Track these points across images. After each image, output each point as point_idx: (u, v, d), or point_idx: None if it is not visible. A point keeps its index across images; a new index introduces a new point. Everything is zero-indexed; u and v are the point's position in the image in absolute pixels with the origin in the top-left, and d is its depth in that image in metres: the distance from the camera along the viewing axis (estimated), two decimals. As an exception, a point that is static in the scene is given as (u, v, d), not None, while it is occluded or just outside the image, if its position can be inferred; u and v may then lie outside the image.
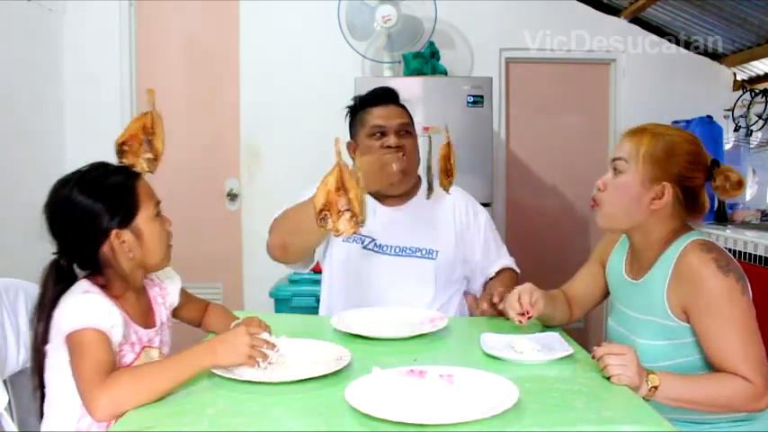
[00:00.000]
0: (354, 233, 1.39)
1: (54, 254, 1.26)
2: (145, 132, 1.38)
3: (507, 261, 1.97)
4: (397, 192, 1.87)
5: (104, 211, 1.24)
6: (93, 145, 3.57)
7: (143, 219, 1.28)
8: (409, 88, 3.20)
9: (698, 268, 1.30)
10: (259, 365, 1.21)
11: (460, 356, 1.37)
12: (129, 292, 1.30)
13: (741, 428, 1.34)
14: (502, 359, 1.33)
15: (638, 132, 1.41)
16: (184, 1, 3.75)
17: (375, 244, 1.86)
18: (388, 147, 1.77)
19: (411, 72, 3.36)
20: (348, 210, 1.37)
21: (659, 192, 1.36)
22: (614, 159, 1.42)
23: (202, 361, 1.18)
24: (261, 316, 1.47)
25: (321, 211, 1.36)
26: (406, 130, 1.83)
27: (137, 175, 1.32)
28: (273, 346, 1.25)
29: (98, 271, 1.28)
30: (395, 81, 3.25)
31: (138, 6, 3.69)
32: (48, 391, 1.24)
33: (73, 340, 1.16)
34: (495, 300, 1.62)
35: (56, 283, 1.24)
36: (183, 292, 1.49)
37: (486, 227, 1.96)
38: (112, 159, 1.36)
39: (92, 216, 1.23)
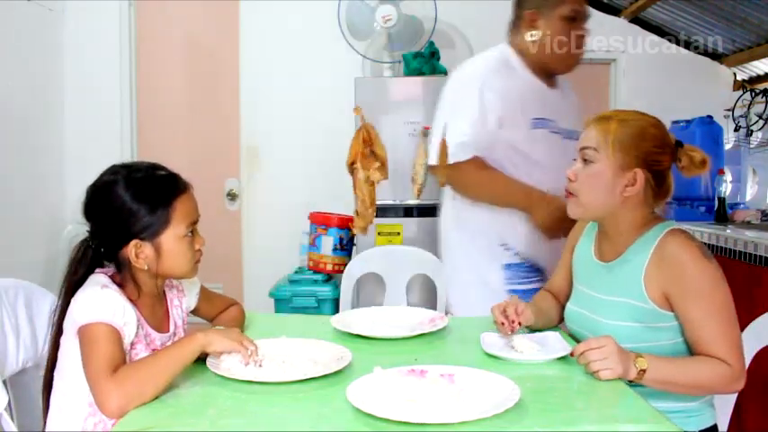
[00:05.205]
0: (384, 179, 1.63)
1: (87, 231, 1.26)
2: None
3: None
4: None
5: (135, 217, 1.23)
6: (93, 144, 3.59)
7: (169, 237, 1.25)
8: (409, 88, 3.19)
9: (682, 254, 1.31)
10: (251, 357, 1.23)
11: (461, 356, 1.36)
12: (144, 296, 1.29)
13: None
14: (502, 359, 1.34)
15: (604, 119, 1.40)
16: (184, 1, 3.75)
17: (557, 127, 1.77)
18: (580, 37, 1.83)
19: (411, 72, 3.35)
20: (377, 161, 1.62)
21: (631, 179, 1.36)
22: (583, 148, 1.41)
23: (194, 343, 1.19)
24: (261, 316, 1.47)
25: (352, 163, 1.60)
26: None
27: (181, 191, 1.28)
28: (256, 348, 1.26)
29: (117, 268, 1.27)
30: (395, 81, 3.25)
31: (138, 6, 3.70)
32: (56, 382, 1.23)
33: (84, 333, 1.16)
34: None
35: (80, 264, 1.25)
36: (204, 292, 1.50)
37: None
38: (112, 158, 1.36)
39: (123, 215, 1.23)
